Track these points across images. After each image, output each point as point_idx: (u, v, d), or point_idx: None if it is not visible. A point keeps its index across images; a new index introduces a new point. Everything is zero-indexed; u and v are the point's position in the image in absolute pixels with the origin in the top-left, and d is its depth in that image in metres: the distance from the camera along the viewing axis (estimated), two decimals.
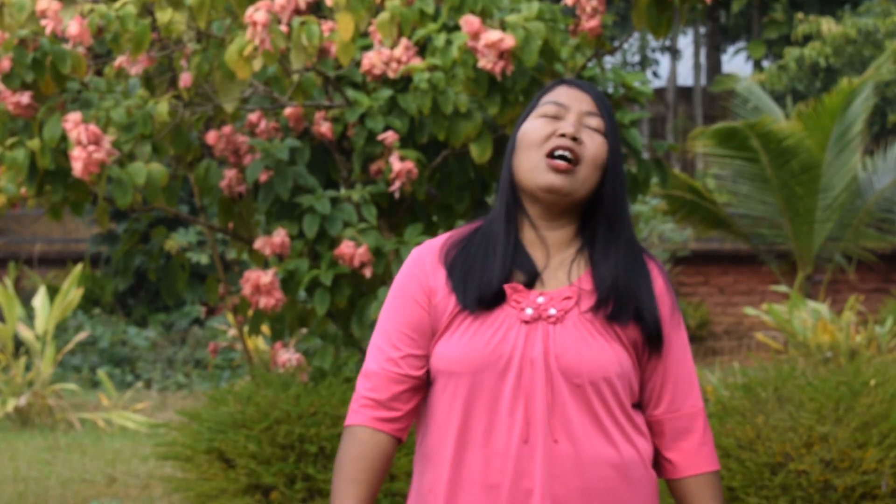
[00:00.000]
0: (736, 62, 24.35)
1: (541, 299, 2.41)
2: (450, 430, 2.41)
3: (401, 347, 2.47)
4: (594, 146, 2.43)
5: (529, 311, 2.39)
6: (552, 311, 2.39)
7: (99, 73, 5.96)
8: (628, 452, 2.40)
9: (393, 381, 2.47)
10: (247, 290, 5.62)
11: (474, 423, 2.39)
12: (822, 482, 4.95)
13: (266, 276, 5.57)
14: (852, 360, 8.82)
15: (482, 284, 2.41)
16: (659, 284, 2.47)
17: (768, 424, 5.12)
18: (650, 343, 2.44)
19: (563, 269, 2.45)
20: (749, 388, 5.35)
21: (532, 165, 2.42)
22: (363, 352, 5.96)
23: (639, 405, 2.49)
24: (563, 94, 2.47)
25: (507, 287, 2.41)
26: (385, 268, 5.52)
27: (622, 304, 2.41)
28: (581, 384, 2.37)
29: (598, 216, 2.46)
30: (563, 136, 2.41)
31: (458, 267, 2.45)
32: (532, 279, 2.43)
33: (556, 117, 2.44)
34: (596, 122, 2.45)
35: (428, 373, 2.48)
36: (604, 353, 2.39)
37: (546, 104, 2.46)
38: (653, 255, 2.53)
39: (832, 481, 4.93)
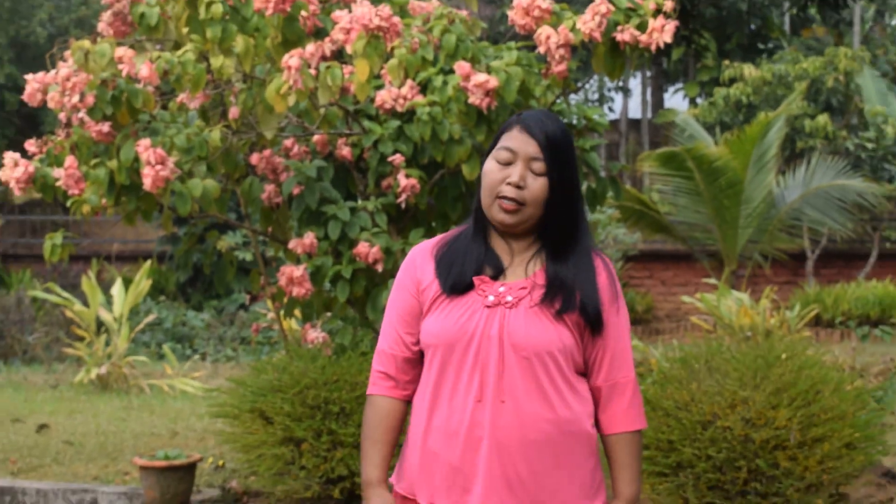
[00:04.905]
0: (675, 99, 24.35)
1: (501, 289, 2.46)
2: (427, 389, 2.47)
3: (400, 330, 2.53)
4: (536, 188, 2.45)
5: (491, 298, 2.44)
6: (509, 298, 2.44)
7: (164, 107, 5.95)
8: (563, 412, 2.42)
9: (397, 357, 2.53)
10: (282, 281, 5.62)
11: (444, 385, 2.44)
12: (742, 436, 4.95)
13: (298, 271, 5.57)
14: (767, 338, 8.82)
15: (458, 275, 2.47)
16: (602, 279, 2.50)
17: (700, 389, 5.12)
18: (592, 326, 2.47)
19: (522, 266, 2.50)
20: (685, 361, 5.36)
21: (489, 204, 2.48)
22: (376, 331, 5.96)
23: (585, 374, 2.51)
24: (515, 140, 2.48)
25: (475, 278, 2.46)
26: (393, 264, 5.52)
27: (568, 299, 2.44)
28: (528, 356, 2.41)
29: (551, 229, 2.49)
30: (509, 184, 2.45)
31: (443, 260, 2.51)
32: (498, 273, 2.48)
33: (507, 163, 2.47)
34: (538, 166, 2.46)
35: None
36: (547, 332, 2.42)
37: (501, 149, 2.48)
38: (603, 255, 2.54)
39: (751, 435, 4.94)
